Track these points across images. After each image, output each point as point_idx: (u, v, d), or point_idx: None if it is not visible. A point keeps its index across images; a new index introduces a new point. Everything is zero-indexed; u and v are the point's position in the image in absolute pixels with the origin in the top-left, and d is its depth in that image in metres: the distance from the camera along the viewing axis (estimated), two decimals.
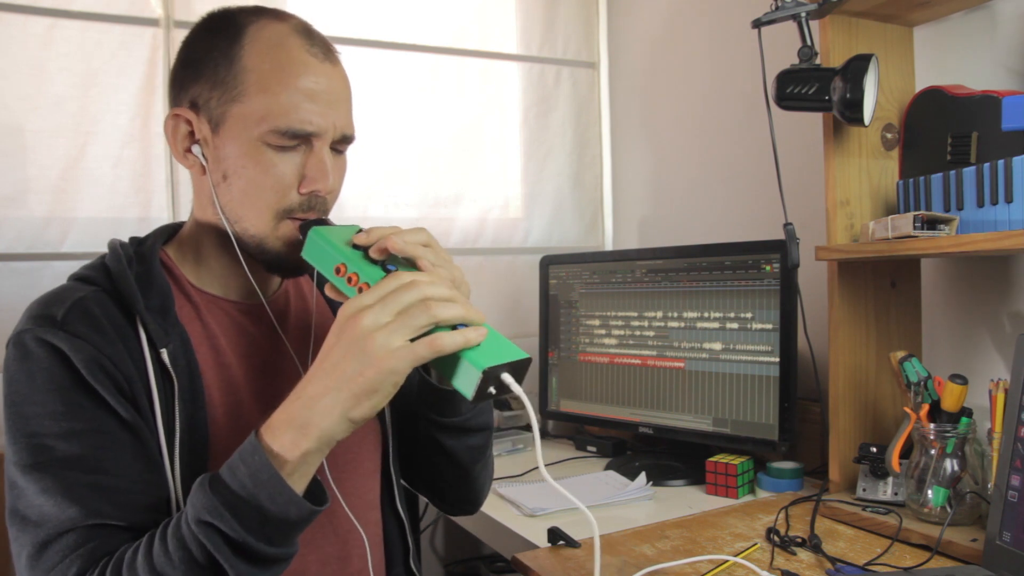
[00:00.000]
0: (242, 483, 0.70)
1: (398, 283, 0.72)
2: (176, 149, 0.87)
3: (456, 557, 2.00)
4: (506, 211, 2.09)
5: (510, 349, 0.74)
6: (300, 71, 0.82)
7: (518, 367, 0.74)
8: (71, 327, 0.77)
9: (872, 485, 1.19)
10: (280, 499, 0.70)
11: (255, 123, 0.81)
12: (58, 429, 0.75)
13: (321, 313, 1.00)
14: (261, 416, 0.86)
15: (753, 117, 1.67)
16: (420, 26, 1.95)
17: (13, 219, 1.54)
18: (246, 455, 0.71)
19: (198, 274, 0.90)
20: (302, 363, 0.93)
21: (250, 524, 0.69)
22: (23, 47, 1.54)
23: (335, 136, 0.85)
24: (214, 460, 0.82)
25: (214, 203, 0.85)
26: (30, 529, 0.73)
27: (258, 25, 0.84)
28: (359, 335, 0.69)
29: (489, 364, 0.70)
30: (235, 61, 0.82)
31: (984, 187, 1.04)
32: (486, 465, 1.04)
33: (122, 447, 0.77)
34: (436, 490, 1.06)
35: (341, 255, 0.78)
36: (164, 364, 0.81)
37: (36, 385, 0.76)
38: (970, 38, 1.26)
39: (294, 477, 0.71)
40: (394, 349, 0.69)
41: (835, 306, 1.23)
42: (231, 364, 0.87)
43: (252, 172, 0.82)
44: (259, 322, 0.92)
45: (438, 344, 0.69)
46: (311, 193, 0.84)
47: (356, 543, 0.93)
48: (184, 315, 0.87)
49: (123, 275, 0.82)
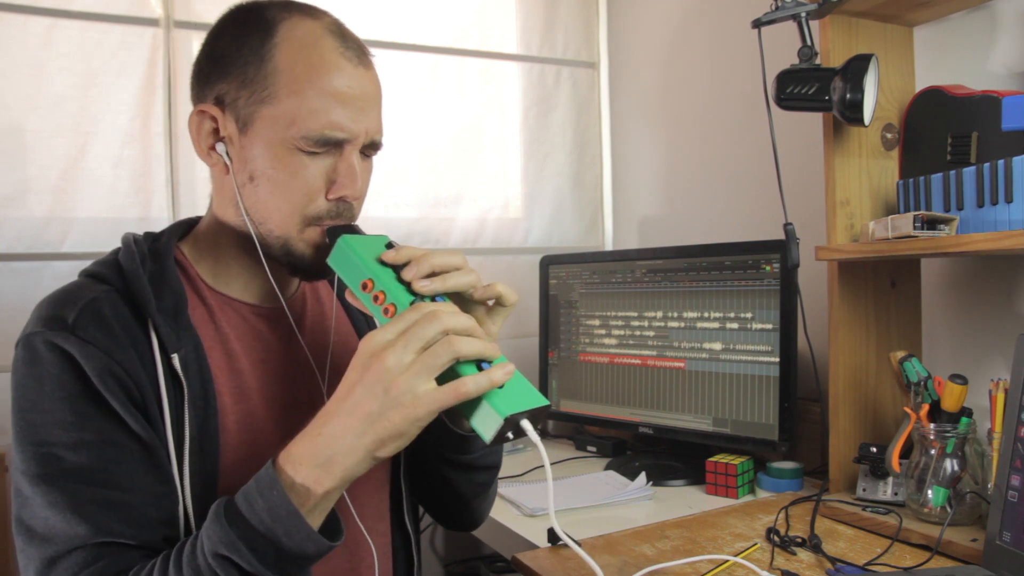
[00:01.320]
0: (260, 518, 0.68)
1: (419, 315, 0.70)
2: (199, 146, 0.84)
3: (456, 557, 2.00)
4: (506, 211, 2.09)
5: (531, 394, 0.73)
6: (333, 74, 0.80)
7: (537, 413, 0.73)
8: (82, 331, 0.75)
9: (872, 485, 1.19)
10: (298, 536, 0.69)
11: (285, 126, 0.79)
12: (67, 439, 0.73)
13: (339, 319, 0.98)
14: (272, 424, 0.85)
15: (753, 117, 1.67)
16: (420, 26, 1.95)
17: (13, 219, 1.54)
18: (264, 487, 0.69)
19: (215, 274, 0.88)
20: (319, 370, 0.91)
21: (267, 559, 0.68)
22: (23, 47, 1.54)
23: (365, 141, 0.83)
24: (225, 469, 0.81)
25: (237, 203, 0.83)
26: (37, 543, 0.72)
27: (291, 23, 0.81)
28: (382, 376, 0.68)
29: (511, 411, 0.69)
30: (266, 60, 0.80)
31: (984, 187, 1.04)
32: (487, 498, 1.02)
33: (132, 459, 0.75)
34: (433, 509, 1.05)
35: (369, 271, 0.76)
36: (175, 370, 0.79)
37: (45, 392, 0.74)
38: (970, 38, 1.26)
39: (314, 513, 0.70)
40: (419, 395, 0.68)
41: (835, 306, 1.23)
42: (244, 370, 0.86)
43: (280, 175, 0.80)
44: (275, 326, 0.91)
45: (463, 391, 0.68)
46: (339, 199, 0.82)
47: (365, 555, 0.92)
48: (197, 317, 0.85)
49: (136, 275, 0.80)
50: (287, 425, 0.85)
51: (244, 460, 0.82)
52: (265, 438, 0.84)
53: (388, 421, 0.68)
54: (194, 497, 0.78)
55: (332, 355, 0.94)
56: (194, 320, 0.84)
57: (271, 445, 0.82)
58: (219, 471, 0.81)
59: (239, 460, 0.82)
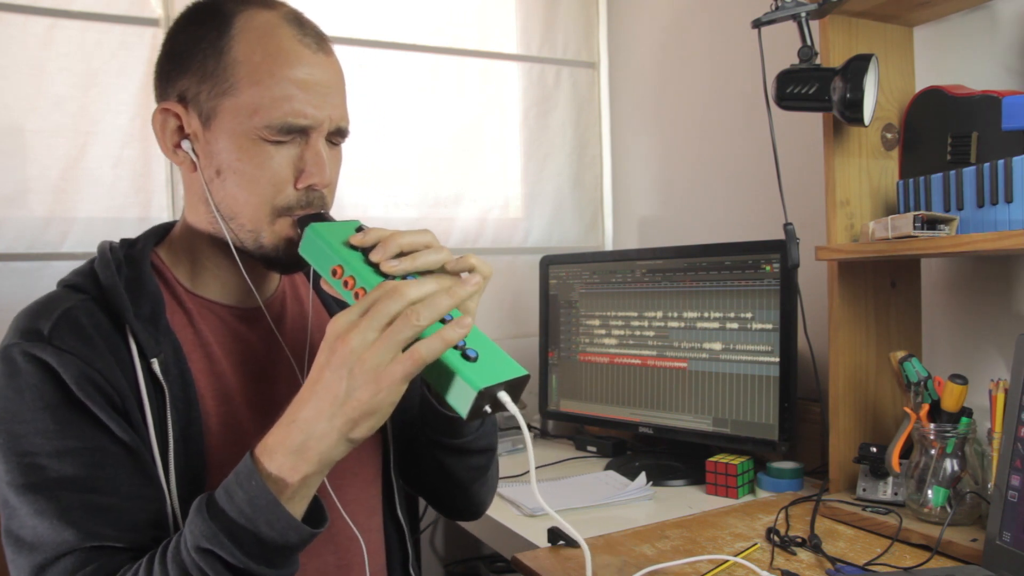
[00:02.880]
0: (240, 509, 0.68)
1: (381, 292, 0.69)
2: (165, 145, 0.84)
3: (456, 557, 2.00)
4: (506, 211, 2.09)
5: (508, 365, 0.72)
6: (293, 62, 0.79)
7: (515, 385, 0.72)
8: (59, 341, 0.75)
9: (872, 485, 1.19)
10: (279, 525, 0.69)
11: (247, 116, 0.79)
12: (50, 448, 0.73)
13: (318, 316, 0.98)
14: (256, 425, 0.85)
15: (753, 117, 1.67)
16: (420, 26, 1.95)
17: (13, 219, 1.54)
18: (243, 479, 0.69)
19: (192, 277, 0.88)
20: (299, 368, 0.91)
21: (250, 550, 0.68)
22: (23, 47, 1.54)
23: (330, 128, 0.83)
24: (211, 471, 0.81)
25: (207, 201, 0.83)
26: (26, 552, 0.72)
27: (247, 14, 0.81)
28: (347, 357, 0.67)
29: (485, 384, 0.68)
30: (224, 53, 0.79)
31: (984, 187, 1.04)
32: (486, 482, 1.02)
33: (116, 464, 0.75)
34: (434, 499, 1.05)
35: (338, 256, 0.76)
36: (155, 374, 0.78)
37: (25, 402, 0.74)
38: (970, 38, 1.26)
39: (294, 501, 0.70)
40: (385, 370, 0.67)
41: (835, 306, 1.23)
42: (225, 372, 0.85)
43: (246, 167, 0.80)
44: (254, 327, 0.90)
45: (418, 356, 0.67)
46: (308, 188, 0.82)
47: (356, 552, 0.92)
48: (176, 322, 0.84)
49: (112, 283, 0.80)
50: (269, 425, 0.85)
51: (229, 460, 0.81)
52: (249, 438, 0.84)
53: (356, 400, 0.68)
54: (181, 500, 0.78)
55: (311, 353, 0.93)
56: (173, 324, 0.83)
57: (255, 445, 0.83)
58: (206, 472, 0.81)
59: (224, 461, 0.81)
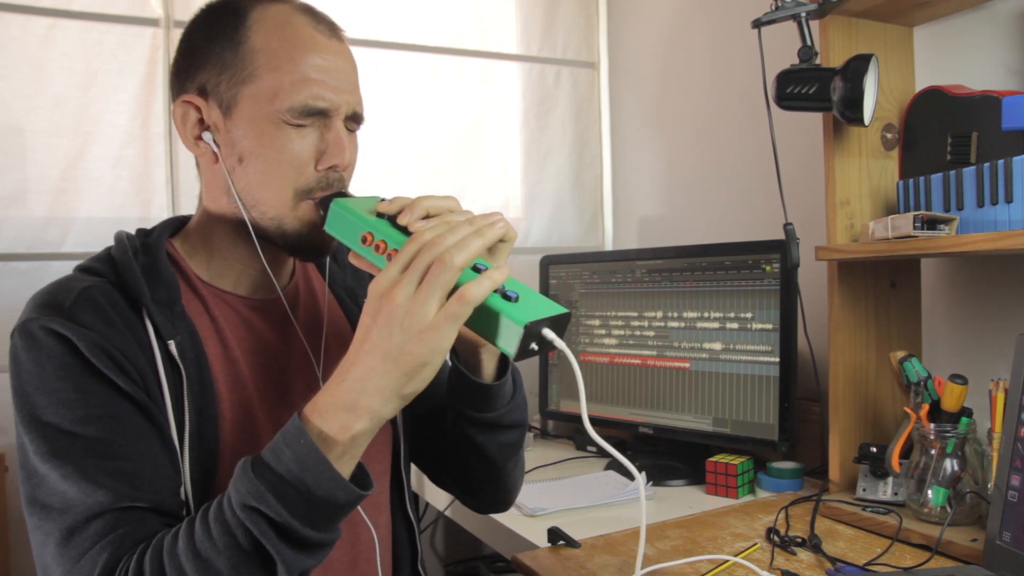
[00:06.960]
0: (287, 467, 0.68)
1: (418, 245, 0.70)
2: (186, 138, 0.85)
3: (456, 557, 2.00)
4: (506, 211, 2.09)
5: (549, 305, 0.73)
6: (310, 48, 0.82)
7: (558, 321, 0.73)
8: (78, 317, 0.76)
9: (872, 485, 1.19)
10: (327, 483, 0.68)
11: (267, 101, 0.80)
12: (73, 416, 0.74)
13: (333, 308, 0.99)
14: (266, 413, 0.86)
15: (753, 117, 1.66)
16: (420, 26, 1.95)
17: (13, 219, 1.54)
18: (290, 438, 0.69)
19: (207, 267, 0.89)
20: (315, 358, 0.92)
21: (296, 508, 0.68)
22: (23, 47, 1.54)
23: (347, 112, 0.84)
24: (222, 455, 0.81)
25: (229, 191, 0.84)
26: (55, 516, 0.72)
27: (261, 7, 0.83)
28: (394, 312, 0.68)
29: (530, 319, 0.69)
30: (242, 43, 0.81)
31: (984, 187, 1.04)
32: (518, 463, 1.01)
33: (138, 432, 0.76)
34: (467, 489, 1.03)
35: (367, 224, 0.76)
36: (172, 356, 0.80)
37: (47, 373, 0.75)
38: (970, 38, 1.26)
39: (343, 460, 0.70)
40: (432, 319, 0.68)
41: (835, 306, 1.23)
42: (238, 360, 0.86)
43: (268, 151, 0.81)
44: (268, 318, 0.91)
45: (467, 296, 0.67)
46: (329, 169, 0.83)
47: (365, 546, 0.92)
48: (191, 309, 0.85)
49: (129, 266, 0.81)
50: (280, 414, 0.85)
51: (240, 446, 0.82)
52: (260, 427, 0.85)
53: (409, 354, 0.68)
54: (193, 483, 0.79)
55: (326, 344, 0.94)
56: (189, 311, 0.84)
57: (266, 434, 0.83)
58: (218, 456, 0.81)
59: (235, 446, 0.82)
